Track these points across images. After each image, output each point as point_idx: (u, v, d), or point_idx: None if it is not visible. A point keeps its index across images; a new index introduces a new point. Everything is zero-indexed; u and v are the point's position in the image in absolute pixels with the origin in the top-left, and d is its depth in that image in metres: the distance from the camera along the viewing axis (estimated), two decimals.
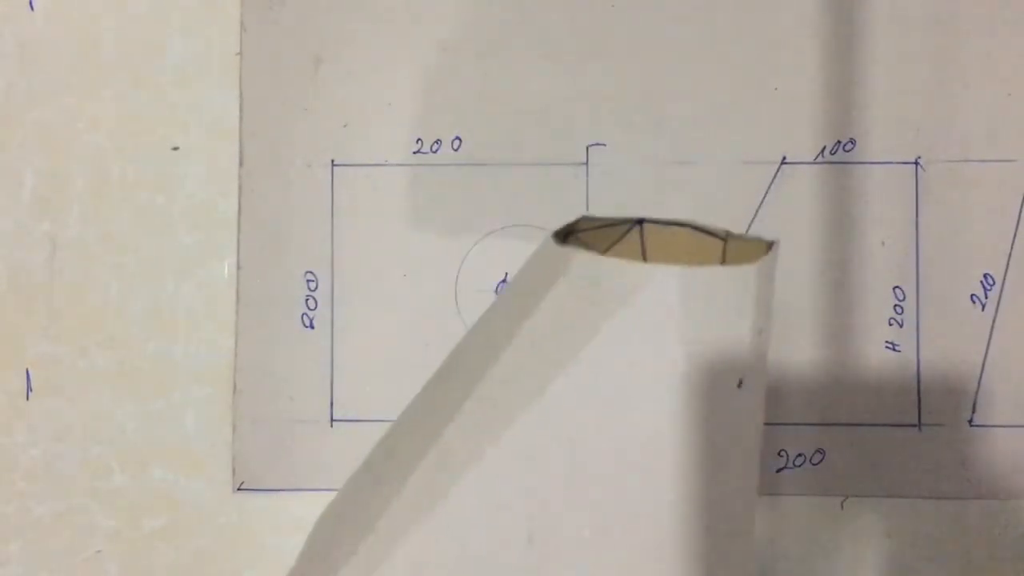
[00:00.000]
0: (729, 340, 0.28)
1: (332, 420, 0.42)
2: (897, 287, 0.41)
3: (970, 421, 0.41)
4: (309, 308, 0.42)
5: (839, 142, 0.41)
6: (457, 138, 0.42)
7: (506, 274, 0.42)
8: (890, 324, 0.41)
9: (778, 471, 0.41)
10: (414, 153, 0.42)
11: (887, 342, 0.41)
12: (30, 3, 0.43)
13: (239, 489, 0.42)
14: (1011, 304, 0.41)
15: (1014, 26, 0.41)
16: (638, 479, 0.27)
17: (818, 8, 0.42)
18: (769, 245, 0.30)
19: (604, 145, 0.42)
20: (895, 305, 0.41)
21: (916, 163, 0.41)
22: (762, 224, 0.41)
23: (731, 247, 0.33)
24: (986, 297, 0.41)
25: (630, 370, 0.27)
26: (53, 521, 0.42)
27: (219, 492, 0.42)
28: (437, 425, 0.29)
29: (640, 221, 0.33)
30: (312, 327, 0.42)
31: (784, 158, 0.41)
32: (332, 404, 0.42)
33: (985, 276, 0.41)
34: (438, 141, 0.42)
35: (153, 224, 0.43)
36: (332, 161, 0.42)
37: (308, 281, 0.42)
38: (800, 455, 0.41)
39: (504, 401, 0.27)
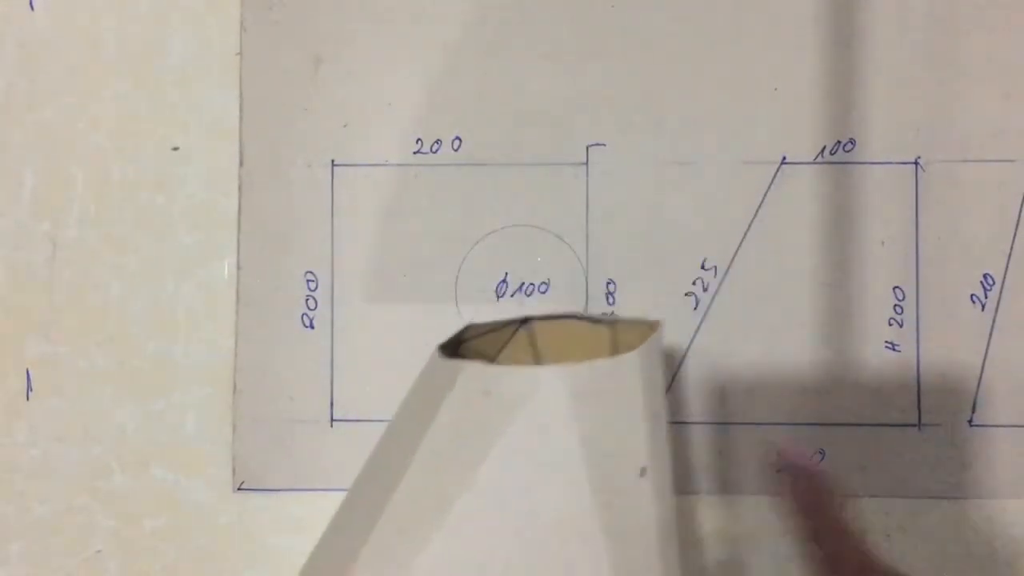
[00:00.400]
0: (624, 431, 0.28)
1: (332, 420, 0.42)
2: (897, 287, 0.41)
3: (970, 421, 0.41)
4: (309, 308, 0.42)
5: (839, 142, 0.41)
6: (457, 138, 0.42)
7: (506, 274, 0.42)
8: (890, 324, 0.41)
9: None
10: (414, 153, 0.42)
11: (887, 342, 0.41)
12: (30, 3, 0.43)
13: (239, 489, 0.42)
14: (1011, 304, 0.41)
15: (1013, 27, 0.41)
16: None
17: (818, 8, 0.42)
18: (653, 325, 0.31)
19: (604, 145, 0.42)
20: (895, 305, 0.41)
21: (916, 163, 0.41)
22: (762, 224, 0.41)
23: (620, 332, 0.33)
24: (986, 297, 0.41)
25: (531, 477, 0.27)
26: (53, 521, 0.42)
27: (219, 492, 0.42)
28: (345, 558, 0.28)
29: (526, 320, 0.33)
30: (312, 327, 0.42)
31: (784, 158, 0.42)
32: (332, 404, 0.42)
33: (985, 276, 0.41)
34: (438, 141, 0.42)
35: (153, 224, 0.43)
36: (332, 161, 0.42)
37: (308, 281, 0.42)
38: None
39: (408, 530, 0.27)
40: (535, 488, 0.27)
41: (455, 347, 0.33)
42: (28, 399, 0.43)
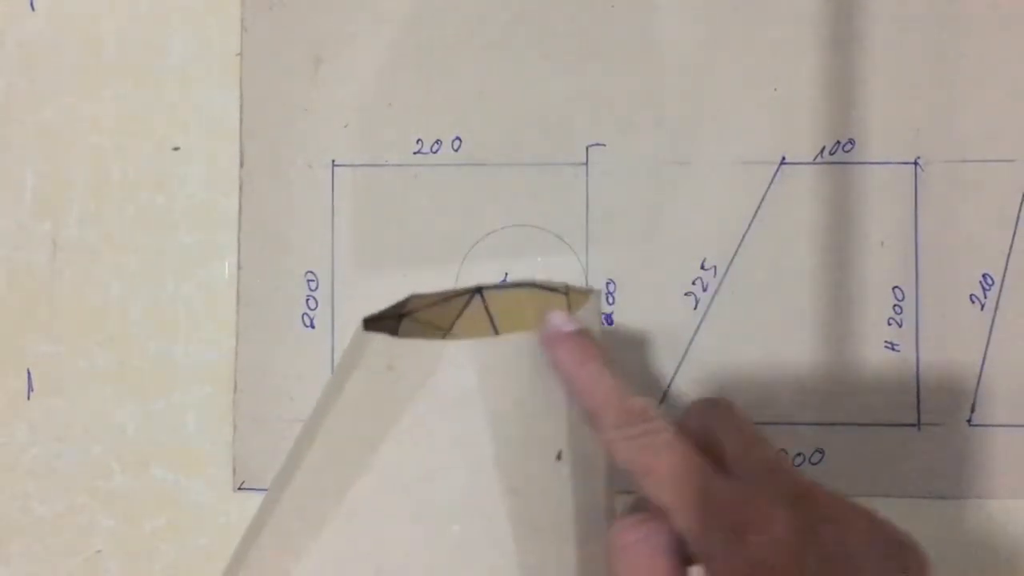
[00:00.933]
0: (540, 411, 0.26)
1: None
2: (896, 287, 0.41)
3: (969, 421, 0.41)
4: (309, 308, 0.42)
5: (838, 142, 0.41)
6: (457, 138, 0.42)
7: (506, 274, 0.42)
8: (889, 324, 0.41)
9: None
10: (414, 153, 0.42)
11: (886, 342, 0.41)
12: (31, 3, 0.43)
13: (239, 488, 0.42)
14: (1010, 304, 0.41)
15: (1013, 27, 0.41)
16: (452, 570, 0.25)
17: (818, 8, 0.42)
18: (597, 294, 0.29)
19: (604, 145, 0.42)
20: (894, 305, 0.41)
21: (915, 163, 0.41)
22: (762, 224, 0.41)
23: (573, 300, 0.32)
24: (985, 297, 0.41)
25: (432, 459, 0.25)
26: (54, 520, 0.42)
27: (219, 491, 0.42)
28: (247, 545, 0.27)
29: (479, 289, 0.32)
30: (312, 327, 0.42)
31: (784, 158, 0.42)
32: None
33: (984, 276, 0.41)
34: (438, 141, 0.42)
35: (154, 224, 0.43)
36: (332, 161, 0.42)
37: (308, 281, 0.42)
38: (800, 455, 0.41)
39: (304, 514, 0.25)
40: (436, 471, 0.25)
41: (397, 319, 0.31)
42: (28, 399, 0.43)
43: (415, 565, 0.25)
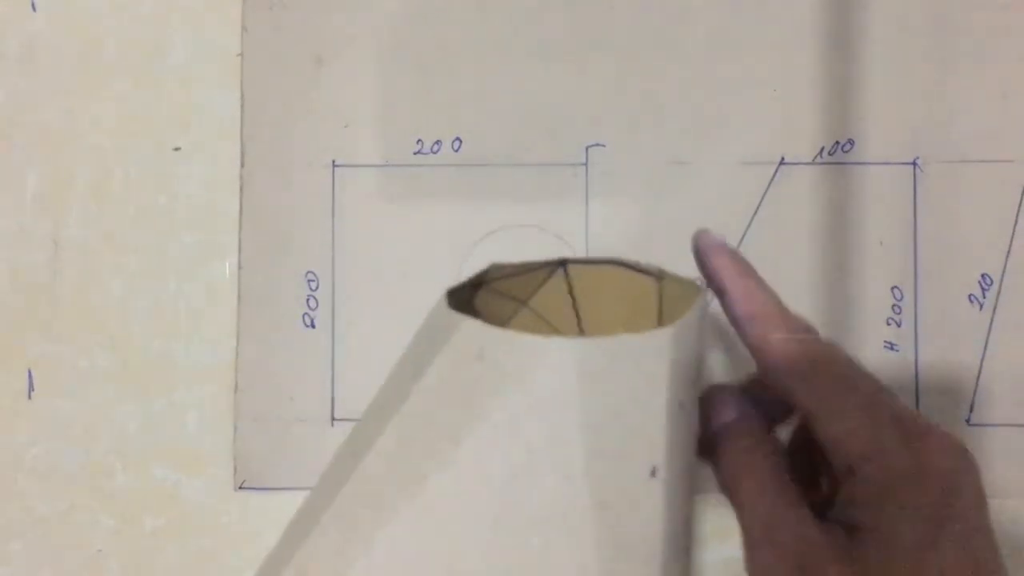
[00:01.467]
0: (638, 422, 0.24)
1: (333, 419, 0.42)
2: (895, 287, 0.41)
3: (968, 420, 0.41)
4: (310, 308, 0.42)
5: (837, 143, 0.42)
6: (457, 138, 0.42)
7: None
8: (888, 324, 0.41)
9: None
10: (414, 153, 0.42)
11: (886, 342, 0.41)
12: (32, 4, 0.43)
13: (240, 488, 0.42)
14: (1009, 304, 0.41)
15: (1011, 28, 0.41)
16: None
17: (818, 9, 0.42)
18: (698, 290, 0.27)
19: (604, 145, 0.42)
20: (893, 305, 0.41)
21: (914, 164, 0.41)
22: (761, 224, 0.41)
23: (667, 288, 0.29)
24: (984, 297, 0.41)
25: (519, 463, 0.23)
26: (55, 520, 0.42)
27: (220, 491, 0.42)
28: (309, 522, 0.25)
29: (563, 263, 0.30)
30: (313, 327, 0.42)
31: (783, 159, 0.42)
32: (333, 403, 0.42)
33: (983, 276, 0.41)
34: (438, 141, 0.42)
35: (155, 224, 0.43)
36: (332, 161, 0.42)
37: (309, 281, 0.42)
38: None
39: (375, 500, 0.24)
40: (522, 475, 0.23)
41: (475, 288, 0.28)
42: (30, 398, 0.43)
43: (490, 574, 0.23)
